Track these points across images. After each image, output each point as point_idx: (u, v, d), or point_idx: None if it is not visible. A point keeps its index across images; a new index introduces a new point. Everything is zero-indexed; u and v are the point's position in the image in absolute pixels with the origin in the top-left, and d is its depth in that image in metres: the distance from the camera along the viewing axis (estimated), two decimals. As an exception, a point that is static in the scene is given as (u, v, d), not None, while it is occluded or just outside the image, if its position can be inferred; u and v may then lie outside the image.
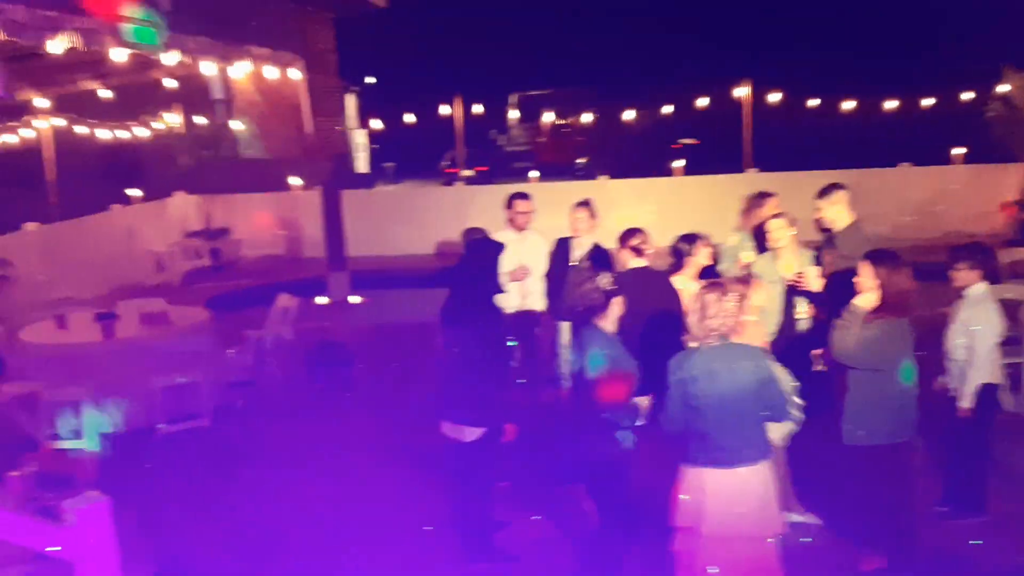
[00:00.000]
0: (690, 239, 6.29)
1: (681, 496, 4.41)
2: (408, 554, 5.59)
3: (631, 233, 6.29)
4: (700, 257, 6.27)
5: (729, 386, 4.23)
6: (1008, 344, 5.97)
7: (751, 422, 4.30)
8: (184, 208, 16.76)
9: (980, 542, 5.30)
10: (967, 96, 15.86)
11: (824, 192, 6.44)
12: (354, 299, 12.72)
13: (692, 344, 4.38)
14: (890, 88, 16.70)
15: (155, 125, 16.55)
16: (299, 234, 16.39)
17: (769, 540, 4.34)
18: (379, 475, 6.79)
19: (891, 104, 16.60)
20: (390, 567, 5.46)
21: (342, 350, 9.84)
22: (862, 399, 4.91)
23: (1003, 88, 14.80)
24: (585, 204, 7.21)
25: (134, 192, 16.58)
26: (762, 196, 7.24)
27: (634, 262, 6.16)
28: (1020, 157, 14.81)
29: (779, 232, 6.40)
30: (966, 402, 5.38)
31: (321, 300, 12.68)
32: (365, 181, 28.92)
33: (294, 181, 17.33)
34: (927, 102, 16.52)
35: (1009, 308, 6.97)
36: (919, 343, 5.03)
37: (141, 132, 16.56)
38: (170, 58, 6.75)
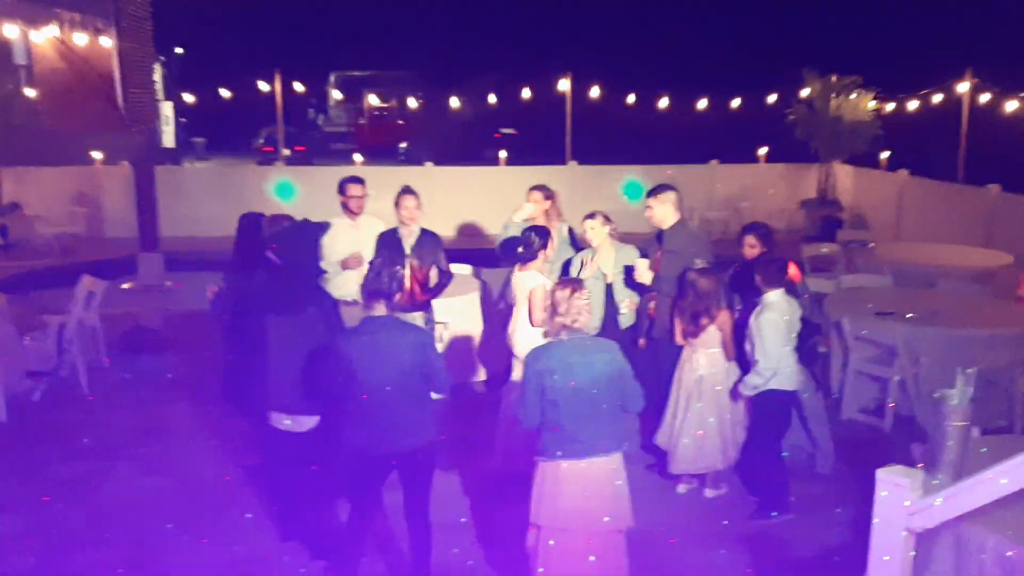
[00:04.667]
0: (542, 232, 6.32)
1: (535, 489, 4.46)
2: (230, 549, 5.36)
3: None
4: (550, 250, 6.34)
5: (585, 378, 4.34)
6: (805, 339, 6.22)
7: (607, 412, 4.41)
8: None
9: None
10: (771, 99, 16.82)
11: (653, 192, 6.65)
12: (167, 282, 12.05)
13: (546, 338, 4.52)
14: (702, 89, 17.49)
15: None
16: (102, 212, 15.37)
17: (619, 531, 4.47)
18: (192, 466, 6.49)
19: (702, 104, 17.39)
20: (209, 562, 5.24)
21: (152, 337, 9.31)
22: None
23: (804, 92, 15.81)
24: (411, 192, 6.99)
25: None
26: (538, 189, 7.35)
27: None
28: (818, 158, 15.92)
29: (593, 232, 6.57)
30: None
31: (128, 284, 11.95)
32: (171, 156, 27.56)
33: (97, 155, 16.20)
34: (735, 103, 17.40)
35: (813, 300, 7.48)
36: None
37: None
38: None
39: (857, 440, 6.96)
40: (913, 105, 15.59)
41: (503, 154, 17.02)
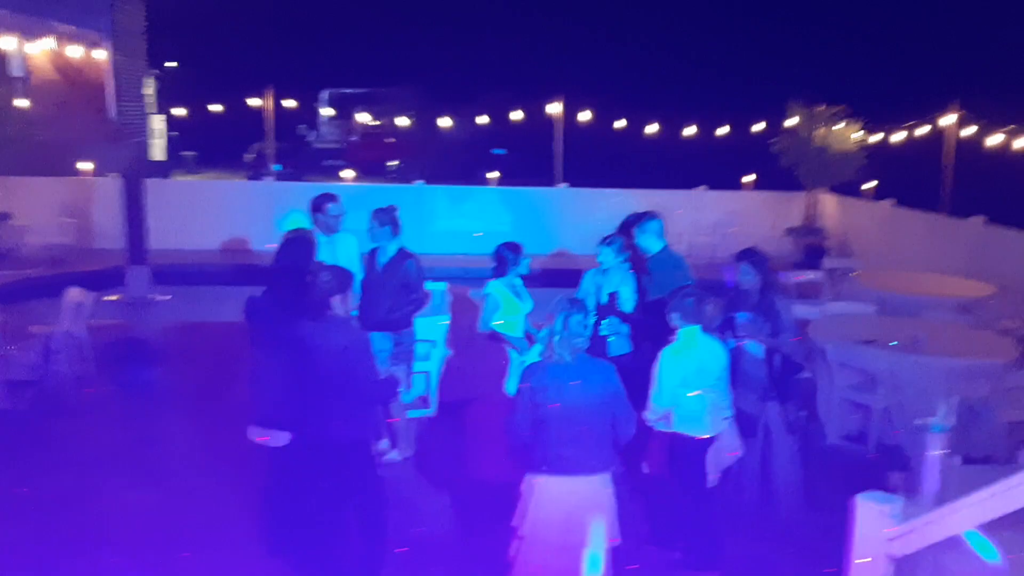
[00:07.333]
0: (515, 248, 6.40)
1: (522, 503, 4.50)
2: (214, 562, 5.36)
3: None
4: (521, 267, 6.40)
5: (578, 399, 4.38)
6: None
7: (596, 435, 4.44)
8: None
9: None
10: (759, 127, 16.98)
11: (637, 221, 6.72)
12: (156, 295, 12.03)
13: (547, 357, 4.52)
14: (691, 115, 17.65)
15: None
16: (91, 223, 15.34)
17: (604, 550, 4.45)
18: (178, 479, 6.47)
19: (691, 130, 17.55)
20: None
21: (139, 349, 9.30)
22: None
23: (790, 122, 15.96)
24: (384, 211, 6.88)
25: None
26: None
27: None
28: (803, 186, 16.05)
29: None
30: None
31: (115, 296, 11.91)
32: (161, 169, 27.53)
33: (87, 166, 16.17)
34: (723, 131, 17.57)
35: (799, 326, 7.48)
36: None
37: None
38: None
39: (839, 467, 7.01)
40: (899, 136, 15.78)
41: (495, 174, 17.09)
